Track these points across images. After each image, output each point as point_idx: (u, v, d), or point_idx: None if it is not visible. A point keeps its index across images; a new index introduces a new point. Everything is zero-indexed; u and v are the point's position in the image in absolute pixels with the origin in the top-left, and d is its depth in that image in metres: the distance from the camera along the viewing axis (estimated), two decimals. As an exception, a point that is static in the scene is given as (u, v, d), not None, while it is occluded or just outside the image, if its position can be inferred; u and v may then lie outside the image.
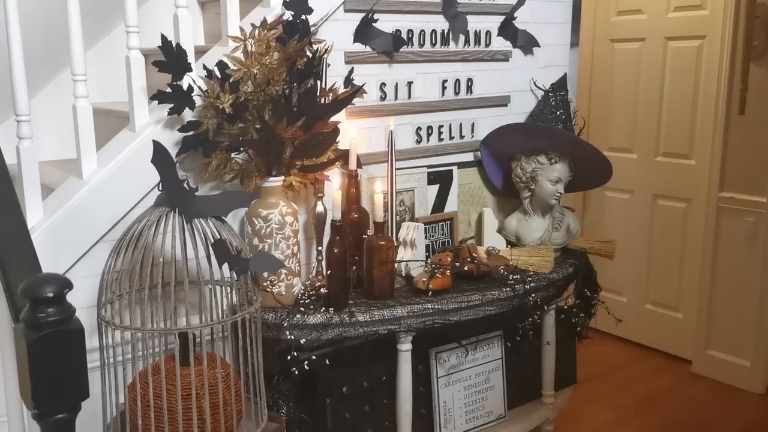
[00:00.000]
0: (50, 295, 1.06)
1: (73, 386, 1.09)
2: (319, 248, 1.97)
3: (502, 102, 2.40)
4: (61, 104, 2.29)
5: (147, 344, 1.55)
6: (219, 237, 1.50)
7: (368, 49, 2.06)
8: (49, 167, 2.10)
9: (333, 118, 1.87)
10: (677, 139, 3.87)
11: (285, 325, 1.77)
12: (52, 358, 1.06)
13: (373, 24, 2.05)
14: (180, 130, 1.71)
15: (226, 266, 1.59)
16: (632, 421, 3.34)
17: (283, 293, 1.83)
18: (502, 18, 2.35)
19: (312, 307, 1.82)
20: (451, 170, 2.29)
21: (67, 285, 1.09)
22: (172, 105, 1.67)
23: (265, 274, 1.78)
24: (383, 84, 2.12)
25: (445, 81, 2.26)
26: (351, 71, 1.98)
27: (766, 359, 3.55)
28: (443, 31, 2.22)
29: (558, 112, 2.37)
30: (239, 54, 1.75)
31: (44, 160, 2.17)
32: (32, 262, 1.26)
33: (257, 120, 1.72)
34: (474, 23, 2.28)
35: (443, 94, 2.26)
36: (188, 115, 1.72)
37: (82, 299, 1.61)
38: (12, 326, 1.34)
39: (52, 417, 1.08)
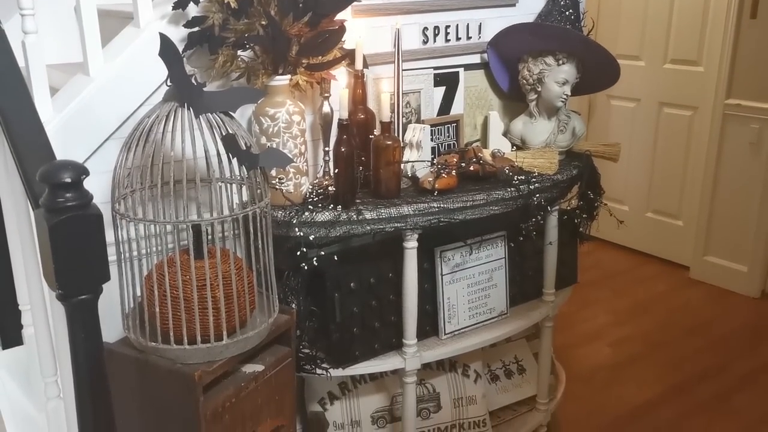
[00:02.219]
0: (68, 180, 1.08)
1: (94, 269, 1.13)
2: (326, 149, 1.98)
3: (510, 2, 2.35)
4: (58, 9, 2.26)
5: (161, 240, 1.60)
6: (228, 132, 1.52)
7: (374, -56, 2.01)
8: (52, 70, 2.08)
9: (339, 17, 1.85)
10: (686, 46, 3.81)
11: (294, 222, 1.81)
12: (73, 242, 1.10)
13: None
14: (185, 26, 1.69)
15: (236, 164, 1.61)
16: (629, 323, 3.45)
17: (292, 191, 1.86)
18: None
19: (320, 205, 1.85)
20: (458, 72, 2.27)
21: (84, 171, 1.11)
22: (176, -1, 1.65)
23: (274, 172, 1.81)
24: (389, -19, 2.07)
25: (452, -21, 2.21)
26: (357, -33, 1.94)
27: (763, 264, 3.63)
28: (451, -75, 2.15)
29: (567, 12, 2.32)
30: (244, -54, 1.70)
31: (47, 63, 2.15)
32: (47, 152, 1.28)
33: (263, 15, 1.69)
34: None
35: (450, -7, 2.22)
36: (193, 10, 1.70)
37: (95, 195, 1.63)
38: (31, 216, 1.38)
39: (76, 298, 1.12)
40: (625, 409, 2.75)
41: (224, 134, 1.51)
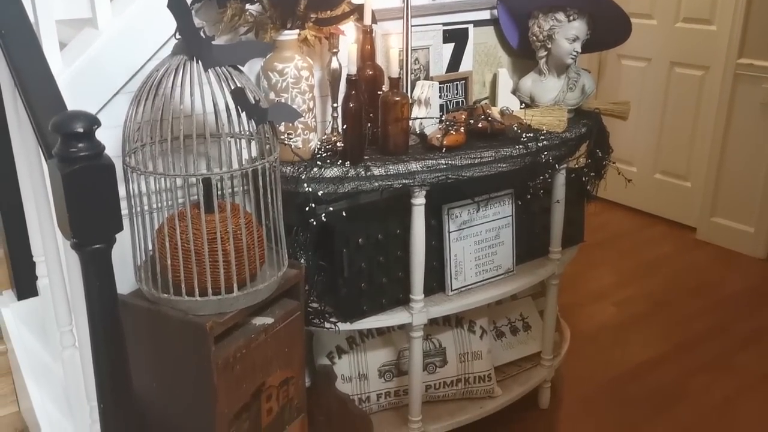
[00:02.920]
0: (80, 130, 1.09)
1: (108, 218, 1.15)
2: (335, 105, 1.98)
3: (520, -43, 2.32)
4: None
5: (171, 194, 1.61)
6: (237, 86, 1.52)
7: None
8: (61, 25, 2.08)
9: (348, -30, 1.83)
10: (698, 4, 3.75)
11: (303, 178, 1.82)
12: (86, 191, 1.11)
13: None
14: (193, -21, 1.68)
15: (245, 118, 1.62)
16: (634, 283, 3.47)
17: (300, 147, 1.86)
18: None
19: (329, 161, 1.86)
20: (467, 28, 2.25)
21: (96, 122, 1.12)
22: (183, -49, 1.63)
23: (283, 128, 1.81)
24: (399, -66, 2.04)
25: (462, -67, 2.17)
26: None
27: (770, 225, 3.62)
28: None
29: (578, -33, 2.29)
30: None
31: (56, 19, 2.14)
32: (59, 103, 1.29)
33: (271, -32, 1.68)
34: None
35: (460, -53, 2.19)
36: (201, -38, 1.68)
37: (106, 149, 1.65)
38: (43, 166, 1.40)
39: (90, 247, 1.14)
40: (628, 366, 2.79)
41: (233, 87, 1.51)
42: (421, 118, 2.07)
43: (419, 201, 1.95)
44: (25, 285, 1.85)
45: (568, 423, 2.47)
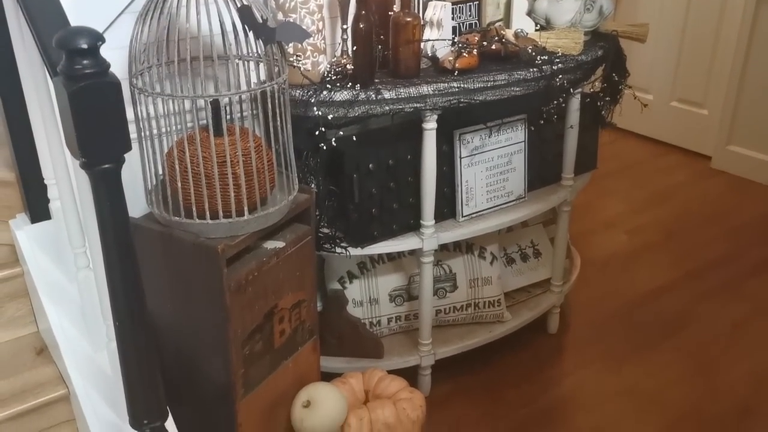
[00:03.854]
0: (84, 46, 1.07)
1: (116, 137, 1.14)
2: (344, 26, 1.93)
3: None
4: None
5: (180, 117, 1.60)
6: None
7: None
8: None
9: None
10: None
11: (312, 101, 1.79)
12: (93, 109, 1.10)
13: None
14: None
15: (252, 38, 1.58)
16: (646, 211, 3.46)
17: (310, 69, 1.83)
18: None
19: (338, 84, 1.83)
20: (481, -54, 2.17)
21: (100, 38, 1.10)
22: None
23: (291, 49, 1.78)
24: None
25: None
26: None
27: (787, 153, 3.56)
28: None
29: None
30: None
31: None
32: (62, 19, 1.26)
33: None
34: None
35: None
36: None
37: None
38: (49, 85, 1.38)
39: (99, 167, 1.14)
40: (637, 293, 2.81)
41: (240, 5, 1.47)
42: (433, 40, 2.01)
43: (430, 125, 1.93)
44: (37, 208, 1.86)
45: (575, 347, 2.51)
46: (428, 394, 2.25)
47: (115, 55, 1.61)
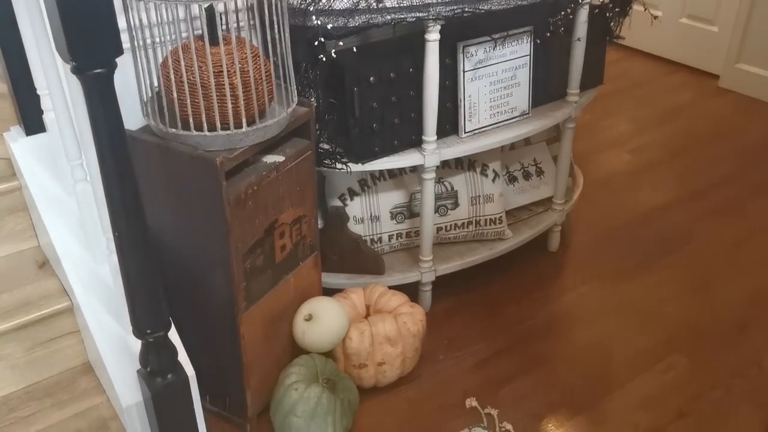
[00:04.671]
0: (70, -58, 1.02)
1: (106, 41, 1.10)
2: (344, -70, 1.85)
3: None
4: None
5: (174, 27, 1.54)
6: None
7: None
8: None
9: None
10: None
11: (311, 10, 1.73)
12: (82, 10, 1.05)
13: None
14: None
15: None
16: (651, 131, 3.42)
17: (308, -24, 1.76)
18: None
19: (338, -8, 1.76)
20: None
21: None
22: None
23: (289, -46, 1.70)
24: None
25: None
26: None
27: (798, 71, 3.49)
28: None
29: None
30: None
31: None
32: None
33: None
34: None
35: None
36: None
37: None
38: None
39: (91, 71, 1.10)
40: (638, 211, 2.80)
41: None
42: (436, -54, 1.93)
43: (433, 36, 1.87)
44: (32, 120, 1.82)
45: (576, 265, 2.52)
46: (429, 309, 2.28)
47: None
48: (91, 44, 1.07)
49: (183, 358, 1.58)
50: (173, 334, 1.56)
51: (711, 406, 1.93)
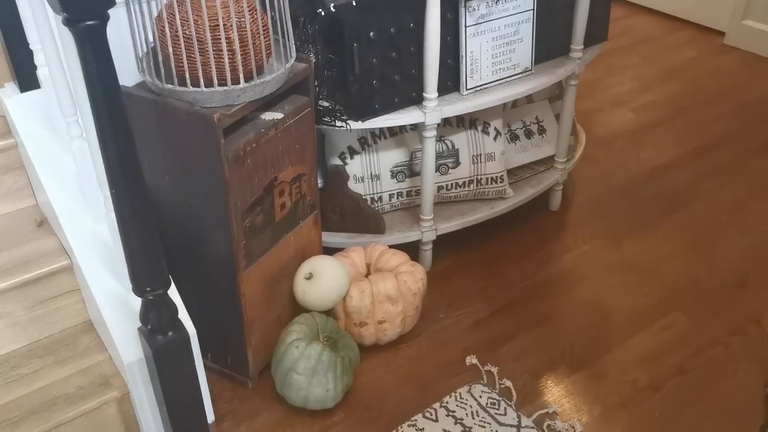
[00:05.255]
0: None
1: (99, -8, 1.07)
2: None
3: None
4: None
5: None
6: None
7: None
8: None
9: None
10: None
11: (309, -38, 1.69)
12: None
13: None
14: None
15: None
16: (655, 88, 3.38)
17: (306, -73, 1.71)
18: None
19: (336, -57, 1.71)
20: None
21: None
22: None
23: None
24: None
25: None
26: None
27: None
28: None
29: None
30: None
31: None
32: None
33: None
34: None
35: None
36: None
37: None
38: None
39: (83, 23, 1.08)
40: (641, 170, 2.78)
41: None
42: None
43: (434, -10, 1.83)
44: (26, 76, 1.79)
45: (577, 224, 2.51)
46: (429, 268, 2.28)
47: None
48: (81, -3, 1.04)
49: (183, 316, 1.59)
50: (173, 293, 1.56)
51: (710, 364, 1.94)
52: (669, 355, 1.97)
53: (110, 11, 1.10)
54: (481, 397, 1.85)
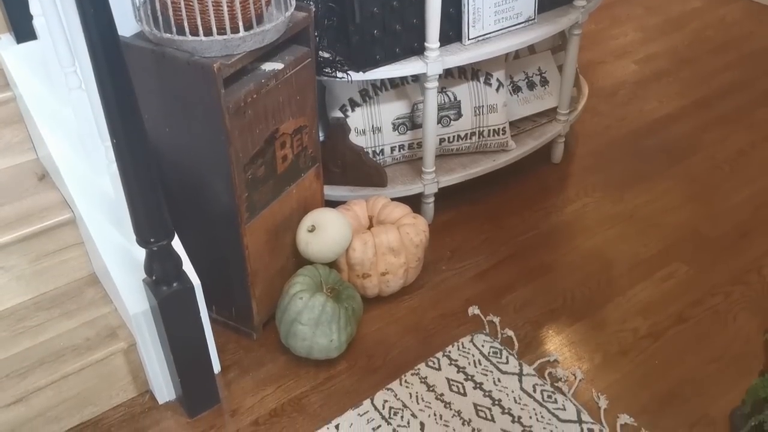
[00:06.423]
0: None
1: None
2: None
3: None
4: None
5: None
6: None
7: None
8: None
9: None
10: None
11: None
12: None
13: None
14: None
15: None
16: (659, 40, 3.33)
17: None
18: None
19: None
20: None
21: None
22: None
23: None
24: None
25: None
26: None
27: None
28: None
29: None
30: None
31: None
32: None
33: None
34: None
35: None
36: None
37: None
38: None
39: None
40: (644, 121, 2.76)
41: None
42: None
43: (436, -65, 1.79)
44: (22, 27, 1.76)
45: (579, 176, 2.51)
46: (431, 221, 2.28)
47: None
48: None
49: (188, 267, 1.59)
50: (177, 245, 1.56)
51: (710, 312, 1.96)
52: (669, 304, 1.99)
53: (107, -44, 1.08)
54: (483, 346, 1.87)
